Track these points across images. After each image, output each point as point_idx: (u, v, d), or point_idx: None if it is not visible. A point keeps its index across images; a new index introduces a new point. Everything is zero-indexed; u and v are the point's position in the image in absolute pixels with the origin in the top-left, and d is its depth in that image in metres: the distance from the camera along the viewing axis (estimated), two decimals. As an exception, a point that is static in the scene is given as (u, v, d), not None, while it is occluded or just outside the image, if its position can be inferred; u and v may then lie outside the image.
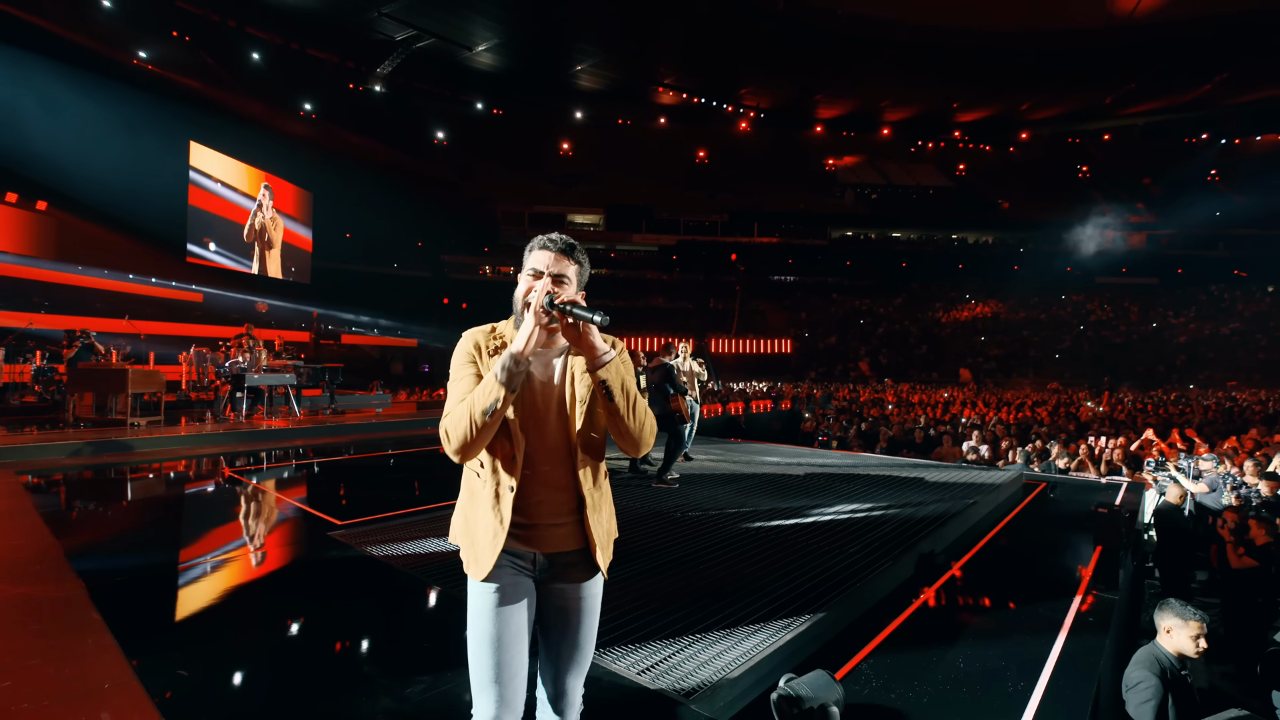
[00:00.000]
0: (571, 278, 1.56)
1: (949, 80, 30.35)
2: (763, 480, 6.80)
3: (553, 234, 1.60)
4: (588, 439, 1.57)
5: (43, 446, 6.91)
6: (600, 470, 1.66)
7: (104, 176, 17.03)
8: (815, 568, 3.97)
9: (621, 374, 1.48)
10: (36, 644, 2.74)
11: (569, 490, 1.58)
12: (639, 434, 1.51)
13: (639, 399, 1.51)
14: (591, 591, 1.65)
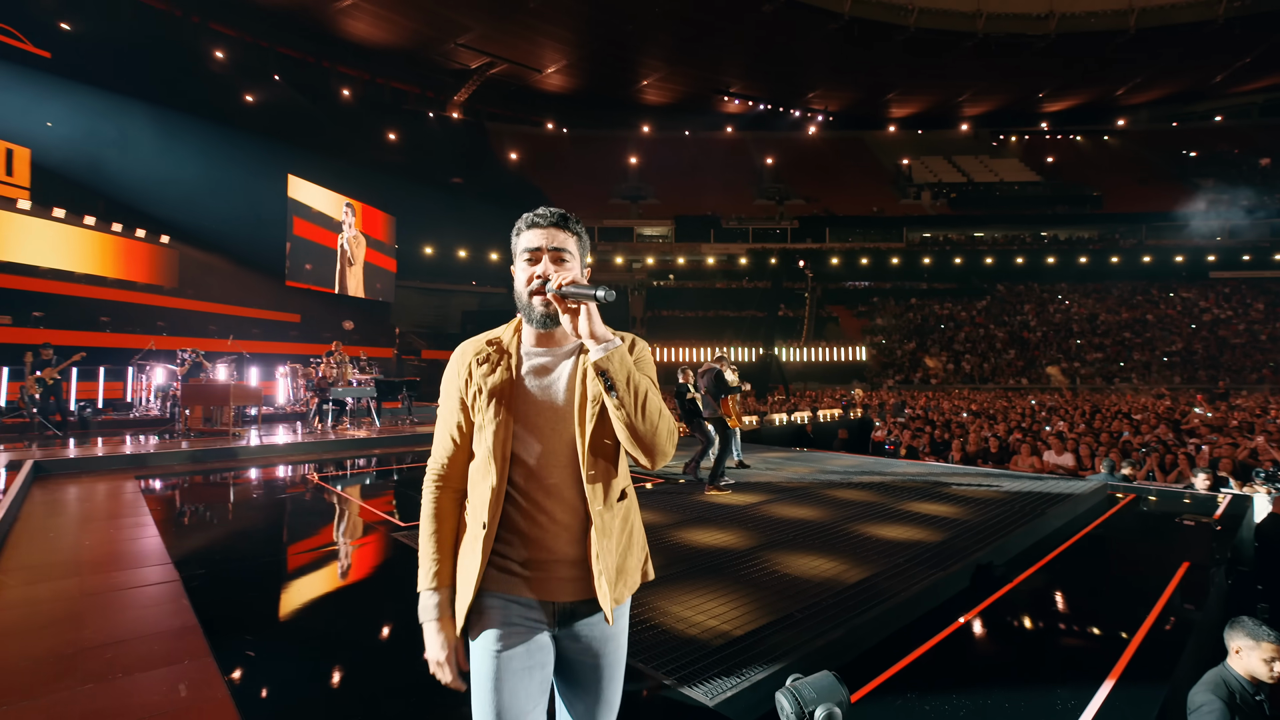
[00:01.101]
0: (573, 251, 1.37)
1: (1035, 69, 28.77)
2: (818, 488, 6.69)
3: (540, 209, 1.39)
4: (599, 445, 1.33)
5: (158, 454, 7.74)
6: (614, 487, 1.38)
7: (215, 210, 18.85)
8: (865, 578, 3.91)
9: (627, 365, 1.25)
10: (132, 625, 3.13)
11: (578, 517, 1.34)
12: (651, 438, 1.26)
13: (651, 396, 1.27)
14: (620, 640, 1.41)
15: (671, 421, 1.32)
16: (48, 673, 2.62)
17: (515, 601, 1.33)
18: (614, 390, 1.24)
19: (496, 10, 23.94)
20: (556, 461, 1.33)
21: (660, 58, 28.19)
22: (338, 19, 24.04)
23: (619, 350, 1.25)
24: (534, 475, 1.32)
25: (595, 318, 1.25)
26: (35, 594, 3.51)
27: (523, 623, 1.32)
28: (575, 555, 1.33)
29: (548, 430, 1.33)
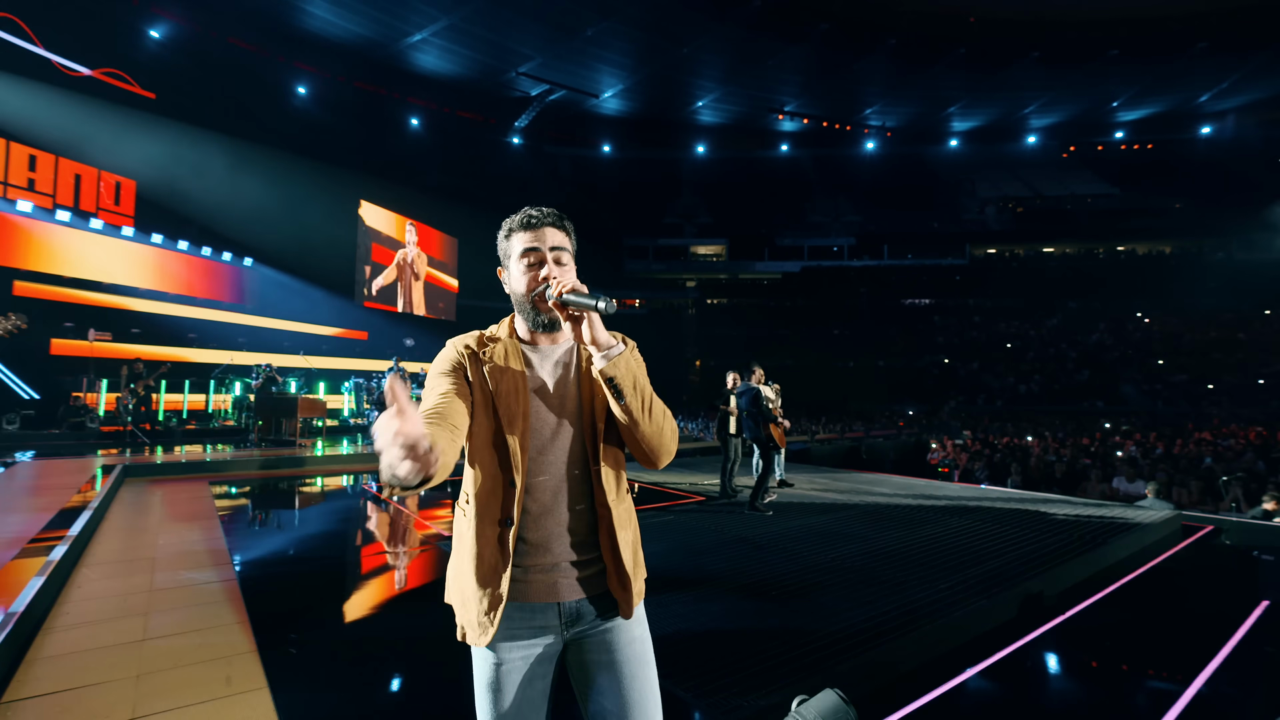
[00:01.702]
0: (570, 251, 1.37)
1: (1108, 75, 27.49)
2: (864, 510, 6.54)
3: (530, 208, 1.36)
4: (609, 437, 1.31)
5: (230, 461, 8.28)
6: (623, 479, 1.36)
7: (292, 234, 20.15)
8: (897, 601, 3.82)
9: (633, 370, 1.23)
10: (192, 619, 3.38)
11: (588, 512, 1.30)
12: (657, 440, 1.26)
13: (655, 399, 1.27)
14: (637, 634, 1.33)
15: (673, 422, 1.32)
16: (117, 661, 2.86)
17: (519, 608, 1.26)
18: (622, 396, 1.21)
19: (556, 39, 24.76)
20: (568, 458, 1.29)
21: (714, 79, 28.44)
22: (408, 53, 25.42)
23: (624, 356, 1.23)
24: (548, 473, 1.28)
25: (597, 324, 1.23)
26: (111, 587, 3.83)
27: (525, 630, 1.27)
28: (579, 553, 1.28)
29: (558, 425, 1.29)
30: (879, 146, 33.36)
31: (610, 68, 27.33)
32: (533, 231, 1.33)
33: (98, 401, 12.19)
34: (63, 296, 15.10)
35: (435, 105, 28.54)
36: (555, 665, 1.32)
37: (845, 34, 24.84)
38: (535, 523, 1.27)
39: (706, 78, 28.46)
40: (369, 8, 22.32)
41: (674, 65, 26.97)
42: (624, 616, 1.31)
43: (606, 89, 29.01)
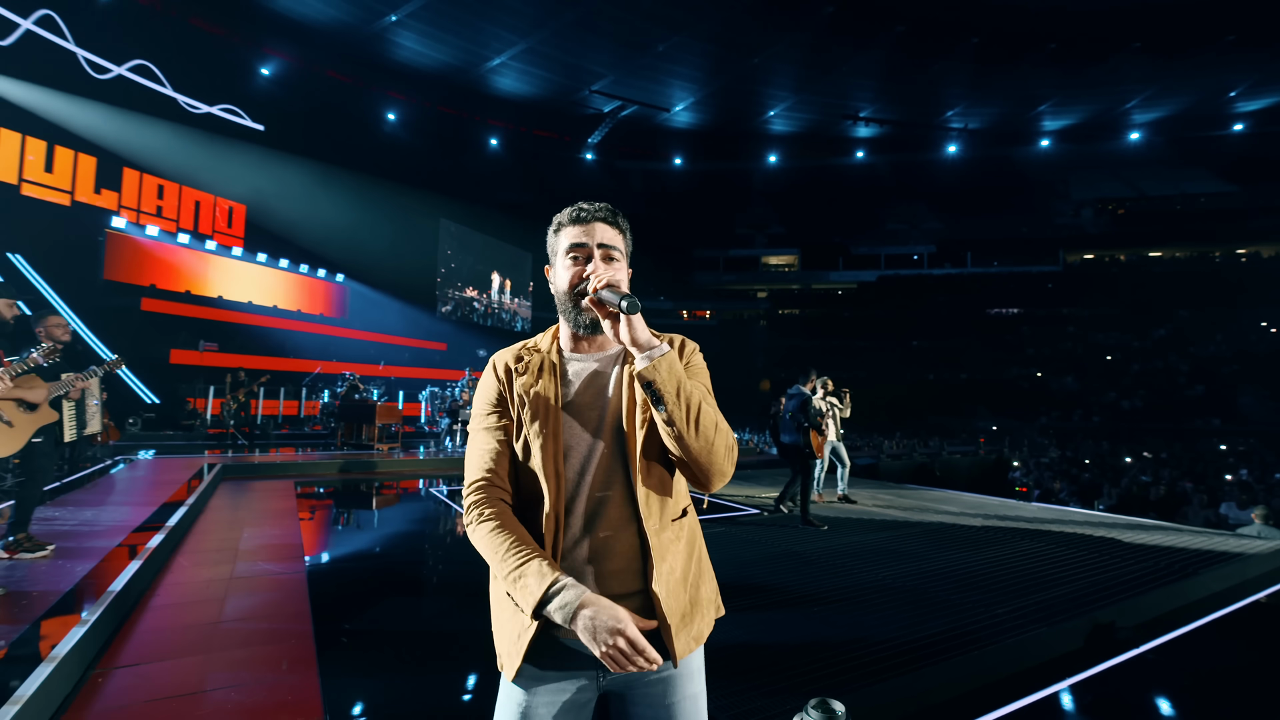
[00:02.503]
0: (621, 249, 1.25)
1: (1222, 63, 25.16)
2: (925, 529, 6.28)
3: (583, 202, 1.27)
4: (652, 456, 1.15)
5: (314, 463, 8.93)
6: (671, 504, 1.19)
7: (379, 251, 21.55)
8: (944, 623, 3.68)
9: (677, 374, 1.08)
10: (261, 607, 3.70)
11: (628, 538, 1.14)
12: (707, 455, 1.09)
13: (705, 408, 1.10)
14: (690, 691, 1.16)
15: (730, 437, 1.14)
16: (194, 639, 3.19)
17: (550, 646, 1.12)
18: (662, 404, 1.06)
19: (628, 56, 25.28)
20: (604, 478, 1.15)
21: (786, 88, 28.13)
22: (488, 77, 26.65)
23: (667, 357, 1.08)
24: (579, 494, 1.14)
25: (636, 323, 1.10)
26: (199, 575, 4.24)
27: (555, 674, 1.12)
28: (615, 587, 1.12)
29: (595, 443, 1.16)
30: (961, 149, 31.90)
31: (681, 81, 27.59)
32: (582, 226, 1.23)
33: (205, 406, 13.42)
34: (181, 311, 16.73)
35: (513, 125, 29.70)
36: (595, 713, 1.18)
37: (923, 35, 24.00)
38: (569, 550, 1.13)
39: (778, 87, 28.19)
40: (453, 37, 23.57)
41: (745, 76, 26.91)
42: (671, 663, 1.13)
43: (677, 103, 29.29)
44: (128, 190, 17.72)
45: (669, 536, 1.16)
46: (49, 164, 16.35)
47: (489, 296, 26.89)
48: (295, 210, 20.91)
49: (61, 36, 17.27)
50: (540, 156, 30.14)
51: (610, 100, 28.67)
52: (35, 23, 16.71)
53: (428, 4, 21.48)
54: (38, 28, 16.76)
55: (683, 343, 1.26)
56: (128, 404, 13.70)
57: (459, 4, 21.66)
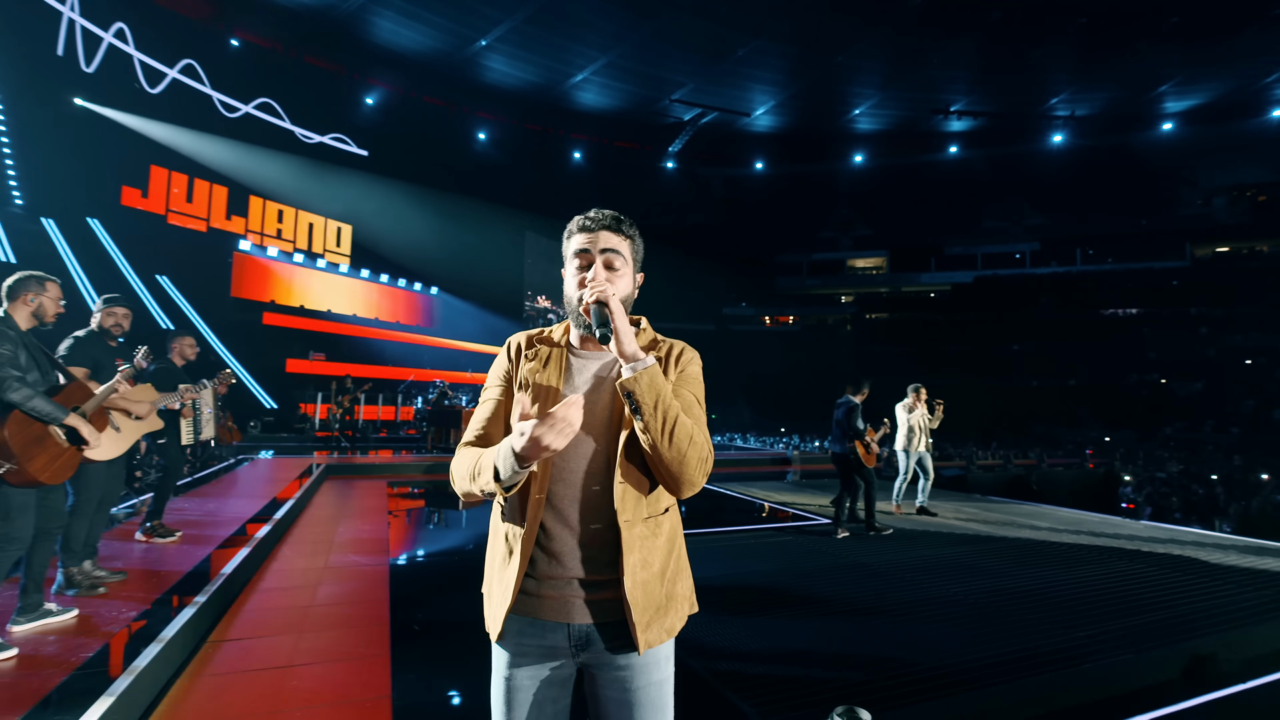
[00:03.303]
0: (626, 257, 1.30)
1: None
2: (1009, 545, 5.95)
3: (593, 210, 1.31)
4: (634, 454, 1.21)
5: (406, 465, 9.58)
6: (649, 501, 1.24)
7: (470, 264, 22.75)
8: (1019, 645, 3.52)
9: (657, 387, 1.13)
10: (347, 594, 4.08)
11: (606, 531, 1.21)
12: (677, 467, 1.15)
13: (680, 422, 1.15)
14: (655, 678, 1.23)
15: (705, 449, 1.19)
16: (289, 620, 3.57)
17: (531, 624, 1.22)
18: (639, 414, 1.13)
19: (707, 64, 25.35)
20: (591, 470, 1.22)
21: (872, 86, 27.23)
22: (571, 93, 27.53)
23: (648, 371, 1.14)
24: (565, 483, 1.22)
25: (624, 335, 1.15)
26: (298, 564, 4.71)
27: (535, 649, 1.22)
28: (596, 574, 1.20)
29: (585, 437, 1.22)
30: (1068, 139, 29.59)
31: (762, 85, 27.34)
32: (588, 234, 1.29)
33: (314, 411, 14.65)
34: (296, 324, 18.36)
35: (595, 138, 30.47)
36: (572, 690, 1.27)
37: (1022, 20, 22.55)
38: (553, 535, 1.21)
39: (863, 85, 27.35)
40: (538, 56, 24.55)
41: (828, 76, 26.30)
42: (648, 658, 1.22)
43: (758, 106, 29.03)
44: (253, 216, 19.72)
45: (642, 531, 1.21)
46: (190, 195, 18.48)
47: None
48: (394, 228, 22.51)
49: (200, 81, 19.48)
50: (622, 167, 30.72)
51: (690, 108, 28.82)
52: (180, 71, 18.96)
53: (515, 27, 22.51)
54: (182, 76, 19.00)
55: (681, 352, 1.32)
56: (249, 409, 15.18)
57: (543, 25, 22.54)
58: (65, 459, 2.87)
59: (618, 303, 1.18)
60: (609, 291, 1.19)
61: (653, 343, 1.34)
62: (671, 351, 1.31)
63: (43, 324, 2.95)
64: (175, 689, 2.67)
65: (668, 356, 1.30)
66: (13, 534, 2.70)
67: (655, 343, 1.34)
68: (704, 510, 7.79)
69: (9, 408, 2.65)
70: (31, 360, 2.80)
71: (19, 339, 2.77)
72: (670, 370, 1.29)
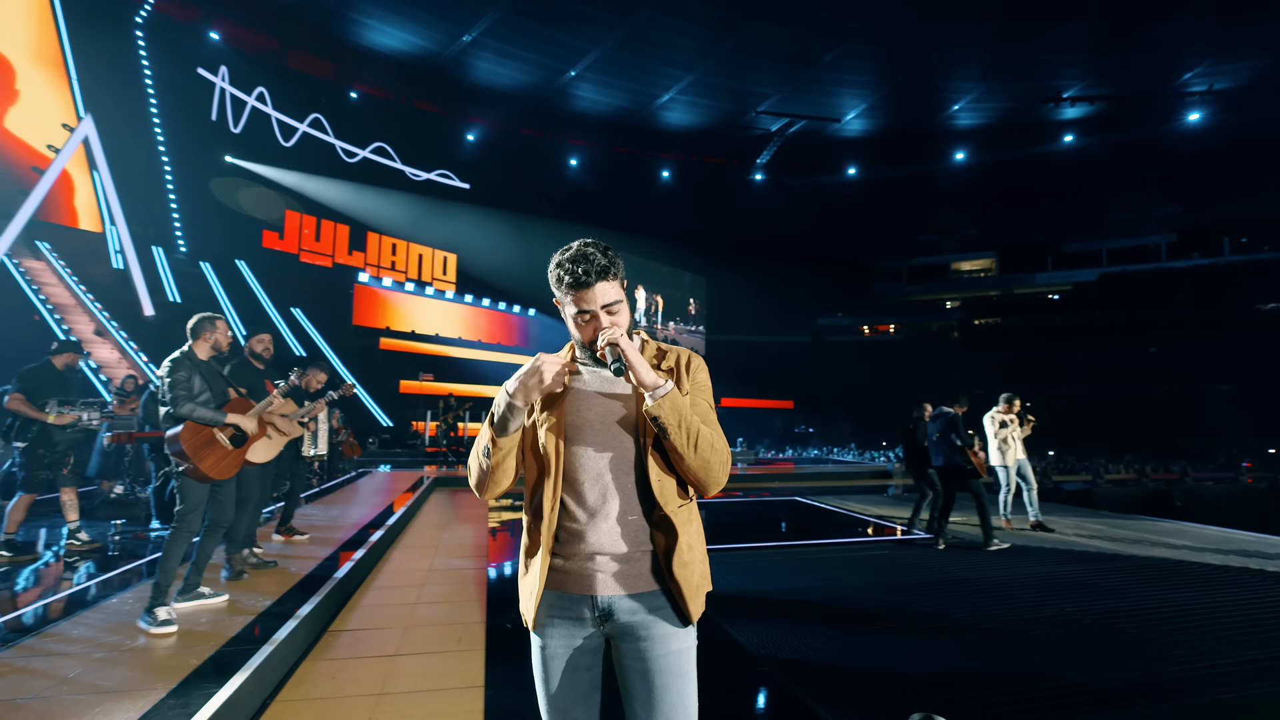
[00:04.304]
0: (620, 297, 1.40)
1: None
2: (1139, 564, 5.42)
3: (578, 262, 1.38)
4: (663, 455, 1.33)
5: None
6: (681, 493, 1.37)
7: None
8: (1142, 670, 3.24)
9: (679, 410, 1.26)
10: (447, 593, 4.37)
11: (635, 514, 1.33)
12: (703, 473, 1.29)
13: (702, 434, 1.28)
14: (674, 647, 1.32)
15: (725, 453, 1.33)
16: (398, 615, 3.90)
17: (560, 597, 1.33)
18: (667, 434, 1.26)
19: (793, 73, 25.04)
20: (614, 462, 1.33)
21: (972, 78, 25.79)
22: (658, 114, 28.08)
23: (669, 396, 1.26)
24: (585, 472, 1.33)
25: (640, 368, 1.26)
26: (407, 565, 5.10)
27: (564, 620, 1.32)
28: (614, 549, 1.31)
29: (601, 430, 1.35)
30: (1206, 117, 26.57)
31: (851, 89, 26.64)
32: (584, 290, 1.37)
33: (424, 428, 15.68)
34: (408, 348, 19.79)
35: (683, 156, 30.82)
36: (604, 658, 1.38)
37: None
38: (577, 518, 1.32)
39: (962, 79, 25.98)
40: (625, 81, 25.29)
41: (922, 73, 25.22)
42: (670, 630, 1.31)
43: (848, 111, 28.29)
44: (370, 250, 21.56)
45: (682, 517, 1.34)
46: (318, 235, 20.50)
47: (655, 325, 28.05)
48: (494, 255, 23.83)
49: (325, 132, 21.65)
50: (710, 183, 30.85)
51: (777, 118, 28.56)
52: (308, 125, 21.18)
53: (601, 55, 23.34)
54: (310, 129, 21.22)
55: (689, 360, 1.43)
56: (368, 427, 16.49)
57: (628, 50, 23.22)
58: (230, 459, 3.42)
59: (628, 341, 1.30)
60: (617, 334, 1.30)
61: (659, 353, 1.45)
62: (680, 360, 1.42)
63: (220, 353, 3.59)
64: (301, 669, 3.00)
65: (678, 366, 1.42)
66: (188, 523, 3.22)
67: (662, 353, 1.45)
68: (798, 524, 7.64)
69: (182, 419, 3.19)
70: (205, 384, 3.38)
71: (194, 367, 3.38)
72: (684, 381, 1.40)
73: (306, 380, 5.14)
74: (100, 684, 2.39)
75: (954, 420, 5.86)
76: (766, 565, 5.38)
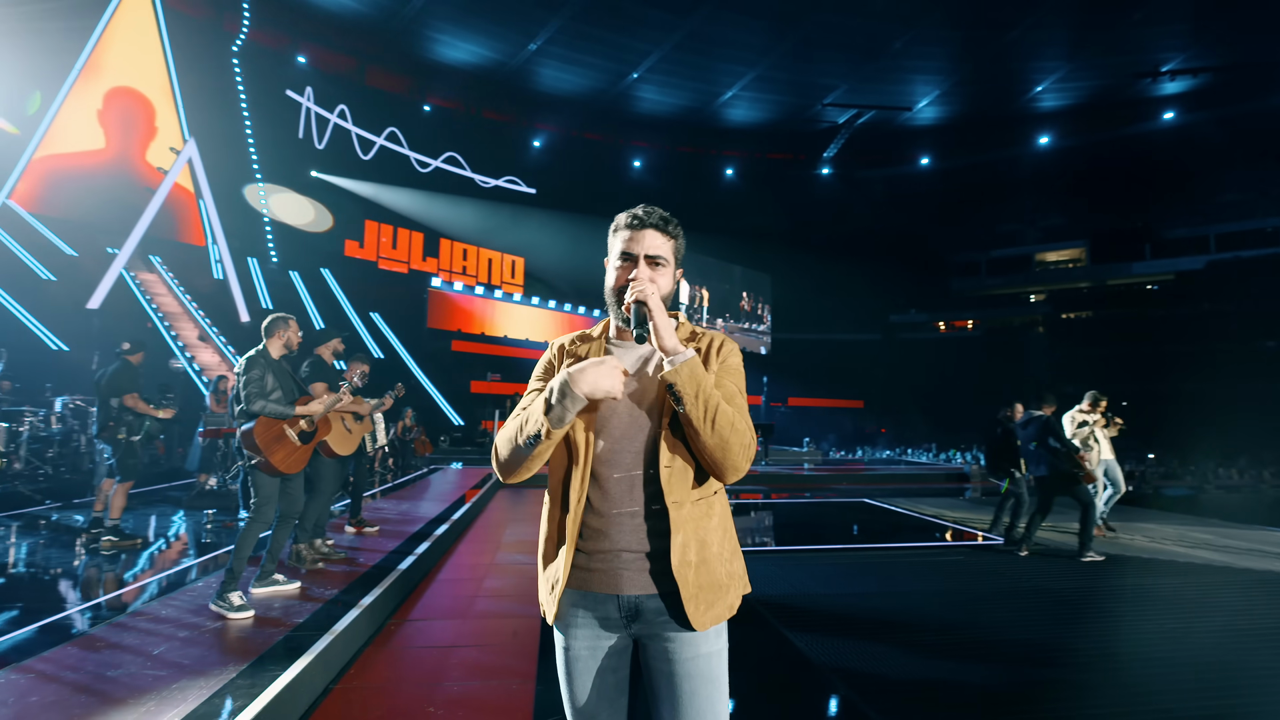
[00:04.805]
0: (668, 257, 1.34)
1: None
2: (1259, 579, 4.93)
3: (640, 207, 1.35)
4: (681, 444, 1.25)
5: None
6: (698, 487, 1.28)
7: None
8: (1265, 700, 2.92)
9: (697, 378, 1.18)
10: (508, 587, 4.46)
11: (654, 509, 1.24)
12: (721, 453, 1.19)
13: (721, 410, 1.19)
14: (703, 650, 1.24)
15: (747, 436, 1.22)
16: (458, 606, 4.00)
17: (584, 596, 1.26)
18: (681, 404, 1.18)
19: (860, 63, 24.25)
20: (638, 454, 1.26)
21: (1057, 57, 24.15)
22: (721, 112, 27.84)
23: (689, 363, 1.18)
24: (611, 465, 1.26)
25: (664, 330, 1.20)
26: (470, 559, 5.24)
27: (589, 621, 1.26)
28: (639, 547, 1.23)
29: (628, 421, 1.27)
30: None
31: (923, 76, 25.54)
32: (634, 232, 1.32)
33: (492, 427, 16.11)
34: (478, 349, 20.41)
35: (747, 153, 30.43)
36: (626, 664, 1.30)
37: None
38: (601, 513, 1.25)
39: (1045, 58, 24.41)
40: (687, 81, 25.23)
41: (1000, 55, 23.87)
42: (687, 627, 1.22)
43: (920, 99, 27.14)
44: (443, 256, 22.40)
45: (692, 512, 1.25)
46: (394, 242, 21.48)
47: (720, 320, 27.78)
48: (560, 257, 24.27)
49: (400, 145, 22.67)
50: (775, 179, 30.31)
51: (844, 110, 27.73)
52: (385, 138, 22.24)
53: (664, 56, 23.35)
54: (386, 142, 22.27)
55: (721, 344, 1.35)
56: (440, 426, 17.11)
57: (690, 50, 23.12)
58: (299, 454, 3.61)
59: (658, 300, 1.23)
60: (648, 291, 1.23)
61: (692, 335, 1.37)
62: (712, 344, 1.35)
63: (290, 352, 3.80)
64: (364, 656, 3.12)
65: (708, 349, 1.34)
66: (262, 514, 3.42)
67: (695, 335, 1.38)
68: (866, 526, 7.36)
69: (255, 415, 3.38)
70: (277, 382, 3.57)
71: (267, 366, 3.58)
72: (712, 362, 1.32)
73: (349, 373, 5.29)
74: (180, 661, 2.56)
75: (1048, 424, 5.47)
76: (832, 568, 5.21)
